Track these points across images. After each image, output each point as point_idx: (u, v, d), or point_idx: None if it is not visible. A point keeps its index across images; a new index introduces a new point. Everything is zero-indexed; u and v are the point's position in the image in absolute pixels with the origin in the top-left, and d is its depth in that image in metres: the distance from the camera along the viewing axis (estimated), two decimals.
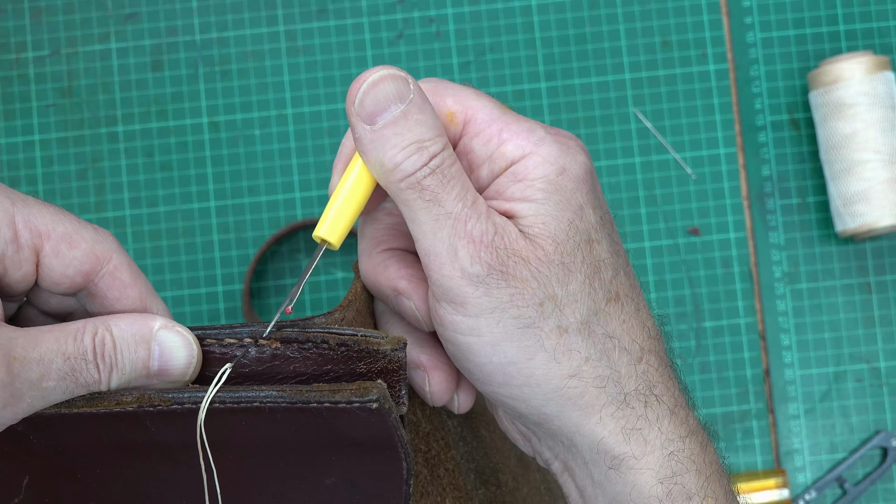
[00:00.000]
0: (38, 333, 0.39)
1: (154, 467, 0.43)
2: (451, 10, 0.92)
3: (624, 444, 0.43)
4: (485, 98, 0.43)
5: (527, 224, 0.42)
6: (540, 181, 0.42)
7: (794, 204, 0.91)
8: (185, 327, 0.42)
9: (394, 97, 0.40)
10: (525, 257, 0.41)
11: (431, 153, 0.41)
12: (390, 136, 0.40)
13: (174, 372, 0.41)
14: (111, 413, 0.40)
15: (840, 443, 0.90)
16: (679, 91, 0.91)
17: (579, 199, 0.42)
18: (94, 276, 0.42)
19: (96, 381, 0.40)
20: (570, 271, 0.42)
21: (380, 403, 0.40)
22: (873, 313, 0.90)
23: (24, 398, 0.38)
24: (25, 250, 0.41)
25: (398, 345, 0.42)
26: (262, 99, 0.92)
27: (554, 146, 0.42)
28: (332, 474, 0.43)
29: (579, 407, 0.42)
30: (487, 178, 0.43)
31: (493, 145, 0.43)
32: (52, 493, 0.44)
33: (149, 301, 0.43)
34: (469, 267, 0.41)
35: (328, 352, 0.42)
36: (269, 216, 0.91)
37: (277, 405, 0.40)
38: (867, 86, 0.85)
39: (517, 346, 0.41)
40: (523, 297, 0.41)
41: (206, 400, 0.40)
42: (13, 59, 0.93)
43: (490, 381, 0.43)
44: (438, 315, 0.42)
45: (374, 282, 0.45)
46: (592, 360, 0.42)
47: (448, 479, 0.50)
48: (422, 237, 0.41)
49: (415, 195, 0.41)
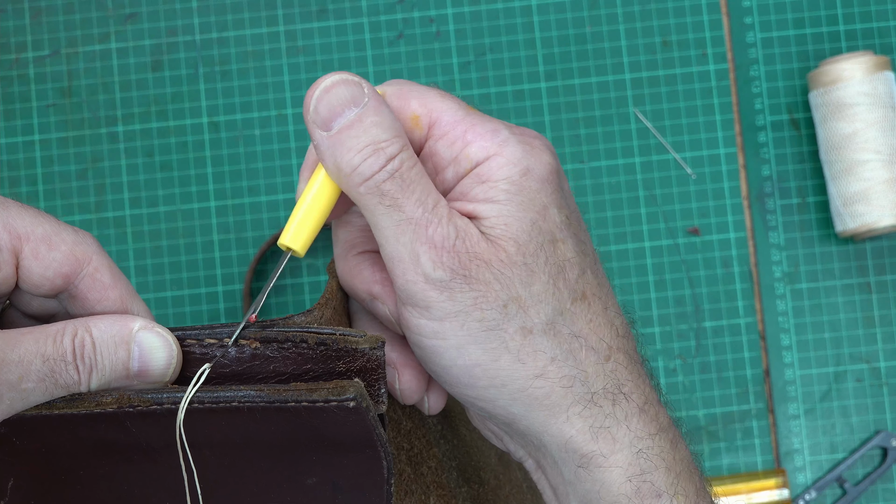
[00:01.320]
0: (17, 335, 0.39)
1: (137, 467, 0.43)
2: (451, 10, 0.92)
3: (592, 443, 0.43)
4: (450, 100, 0.43)
5: (489, 225, 0.42)
6: (503, 182, 0.42)
7: (794, 204, 0.91)
8: (166, 328, 0.42)
9: (348, 101, 0.41)
10: (487, 260, 0.41)
11: (388, 155, 0.41)
12: (346, 139, 0.41)
13: (154, 373, 0.41)
14: (91, 414, 0.41)
15: (840, 443, 0.90)
16: (679, 91, 0.91)
17: (543, 199, 0.42)
18: (75, 277, 0.42)
19: (76, 383, 0.40)
20: (532, 272, 0.42)
21: (357, 402, 0.40)
22: (873, 313, 0.90)
23: (2, 399, 0.38)
24: (4, 252, 0.41)
25: (376, 343, 0.42)
26: (262, 99, 0.92)
27: (518, 147, 0.42)
28: (313, 474, 0.43)
29: (546, 407, 0.42)
30: (452, 181, 0.43)
31: (457, 147, 0.43)
32: (37, 494, 0.44)
33: (129, 302, 0.43)
34: (432, 272, 0.41)
35: (307, 351, 0.42)
36: (269, 216, 0.91)
37: (256, 405, 0.40)
38: (867, 86, 0.85)
39: (482, 348, 0.42)
40: (486, 299, 0.41)
41: (184, 400, 0.40)
42: (13, 59, 0.93)
43: (457, 383, 0.43)
44: (404, 318, 0.43)
45: (349, 285, 0.46)
46: (558, 361, 0.42)
47: (431, 477, 0.50)
48: (385, 242, 0.41)
49: (375, 200, 0.41)
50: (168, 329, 0.42)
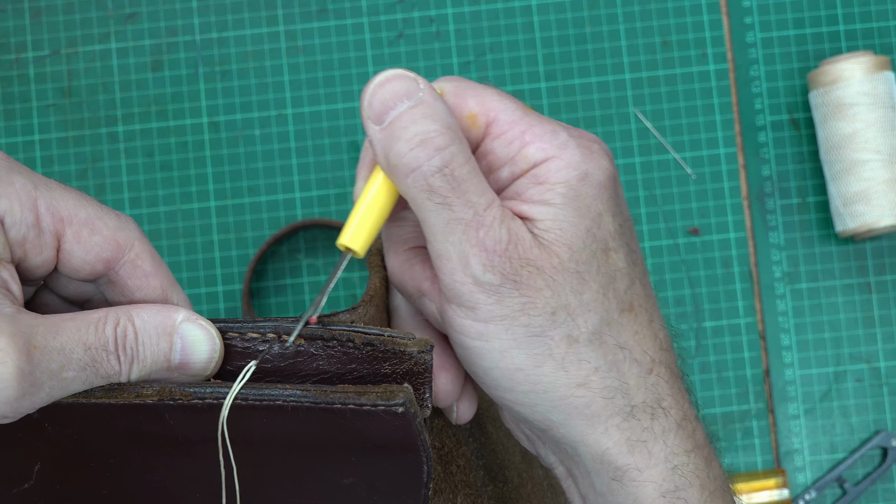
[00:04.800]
0: (58, 321, 0.38)
1: (170, 459, 0.42)
2: (451, 10, 0.92)
3: (628, 456, 0.42)
4: (508, 99, 0.43)
5: (543, 228, 0.41)
6: (560, 185, 0.41)
7: (794, 204, 0.91)
8: (209, 321, 0.41)
9: (401, 95, 0.40)
10: (539, 266, 0.40)
11: (436, 145, 0.40)
12: (396, 130, 0.40)
13: (195, 366, 0.41)
14: (130, 405, 0.40)
15: (840, 443, 0.90)
16: (679, 91, 0.91)
17: (599, 207, 0.42)
18: (116, 263, 0.41)
19: (116, 373, 0.39)
20: (584, 280, 0.41)
21: (406, 408, 0.39)
22: (873, 313, 0.90)
23: (43, 388, 0.37)
24: (47, 235, 0.40)
25: (425, 347, 0.41)
26: (262, 99, 0.92)
27: (577, 151, 0.41)
28: (350, 474, 0.42)
29: (585, 417, 0.42)
30: (507, 180, 0.42)
31: (515, 147, 0.42)
32: (63, 480, 0.43)
33: (170, 291, 0.42)
34: (481, 275, 0.40)
35: (353, 351, 0.41)
36: (269, 216, 0.91)
37: (301, 404, 0.39)
38: (867, 86, 0.85)
39: (526, 353, 0.41)
40: (535, 305, 0.40)
41: (229, 397, 0.39)
42: (13, 59, 0.93)
43: (497, 386, 0.42)
44: (448, 317, 0.42)
45: (399, 280, 0.45)
46: (602, 371, 0.42)
47: (460, 476, 0.50)
48: (433, 240, 0.41)
49: (424, 196, 0.40)
50: (211, 321, 0.41)
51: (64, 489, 0.44)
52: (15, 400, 0.37)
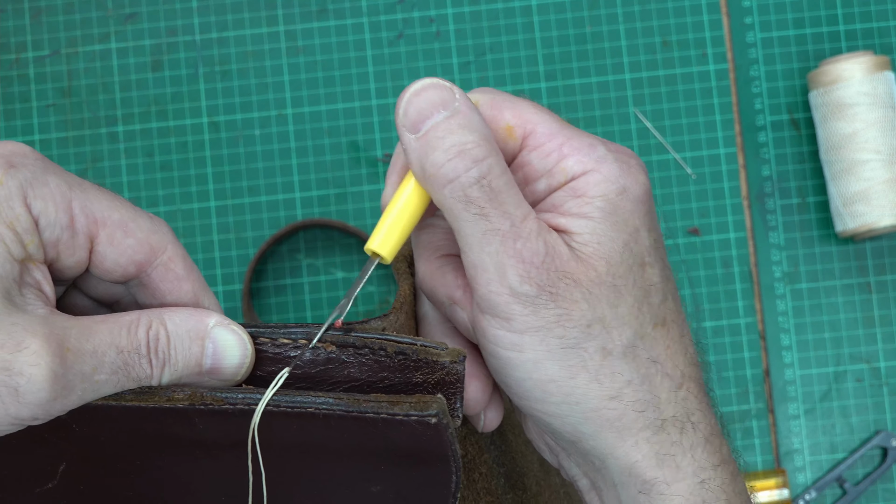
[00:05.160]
0: (91, 324, 0.38)
1: (197, 464, 0.42)
2: (451, 10, 0.92)
3: (656, 469, 0.42)
4: (544, 111, 0.43)
5: (581, 241, 0.41)
6: (599, 199, 0.41)
7: (794, 204, 0.91)
8: (240, 326, 0.41)
9: (437, 105, 0.40)
10: (577, 279, 0.40)
11: (474, 157, 0.40)
12: (432, 140, 0.40)
13: (226, 371, 0.41)
14: (160, 408, 0.40)
15: (840, 443, 0.90)
16: (679, 91, 0.91)
17: (636, 221, 0.42)
18: (148, 266, 0.41)
19: (148, 377, 0.39)
20: (620, 294, 0.41)
21: (438, 419, 0.39)
22: (873, 313, 0.90)
23: (75, 390, 0.37)
24: (80, 236, 0.40)
25: (458, 357, 0.41)
26: (262, 99, 0.92)
27: (615, 165, 0.42)
28: (379, 482, 0.42)
29: (616, 429, 0.42)
30: (544, 192, 0.42)
31: (552, 160, 0.42)
32: (87, 481, 0.43)
33: (201, 295, 0.42)
34: (518, 286, 0.40)
35: (385, 359, 0.41)
36: (269, 216, 0.91)
37: (333, 412, 0.39)
38: (867, 86, 0.85)
39: (559, 364, 0.41)
40: (571, 317, 0.40)
41: (261, 404, 0.39)
42: (13, 59, 0.93)
43: (528, 397, 0.42)
44: (481, 327, 0.42)
45: (430, 287, 0.45)
46: (634, 384, 0.42)
47: (482, 483, 0.50)
48: (468, 250, 0.41)
49: (460, 206, 0.40)
50: (242, 326, 0.41)
51: (87, 490, 0.44)
52: (47, 402, 0.37)
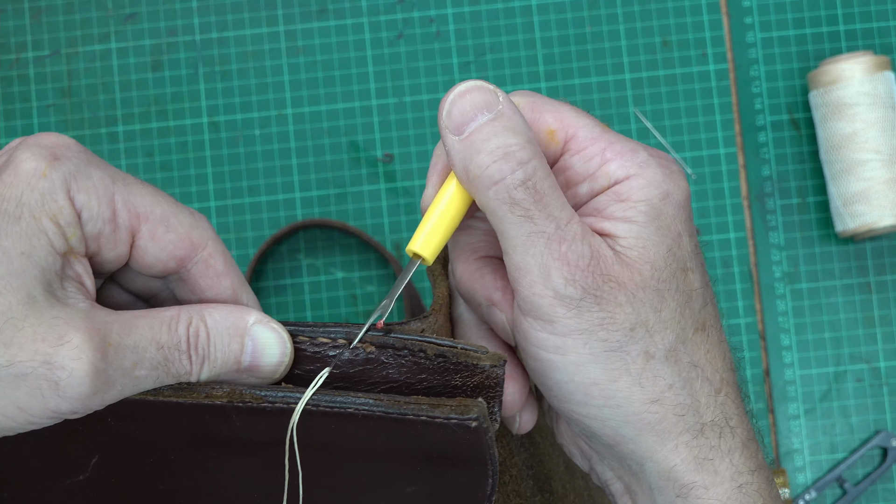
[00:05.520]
0: (132, 319, 0.38)
1: (232, 460, 0.42)
2: (451, 10, 0.92)
3: (695, 474, 0.42)
4: (585, 116, 0.43)
5: (626, 246, 0.41)
6: (642, 204, 0.41)
7: (794, 204, 0.91)
8: (280, 323, 0.41)
9: (481, 107, 0.40)
10: (621, 282, 0.40)
11: (519, 159, 0.40)
12: (476, 142, 0.40)
13: (265, 369, 0.41)
14: (198, 405, 0.40)
15: (840, 443, 0.90)
16: (679, 91, 0.91)
17: (678, 227, 0.42)
18: (188, 261, 0.41)
19: (187, 373, 0.39)
20: (663, 298, 0.41)
21: (479, 423, 0.39)
22: (873, 313, 0.90)
23: (115, 385, 0.38)
24: (122, 231, 0.40)
25: (498, 361, 0.41)
26: (262, 99, 0.92)
27: (658, 170, 0.42)
28: (414, 483, 0.42)
29: (657, 433, 0.42)
30: (586, 196, 0.42)
31: (595, 164, 0.42)
32: (119, 475, 0.43)
33: (240, 292, 0.42)
34: (563, 289, 0.40)
35: (424, 361, 0.41)
36: (269, 216, 0.91)
37: (372, 413, 0.39)
38: (867, 86, 0.85)
39: (602, 368, 0.41)
40: (615, 321, 0.41)
41: (301, 403, 0.39)
42: (13, 59, 0.93)
43: (569, 400, 0.42)
44: (523, 329, 0.42)
45: (468, 288, 0.45)
46: (675, 388, 0.42)
47: (512, 486, 0.50)
48: (512, 252, 0.41)
49: (505, 208, 0.40)
50: (282, 324, 0.41)
51: (119, 483, 0.43)
52: (87, 397, 0.37)
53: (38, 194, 0.38)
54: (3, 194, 0.38)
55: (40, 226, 0.37)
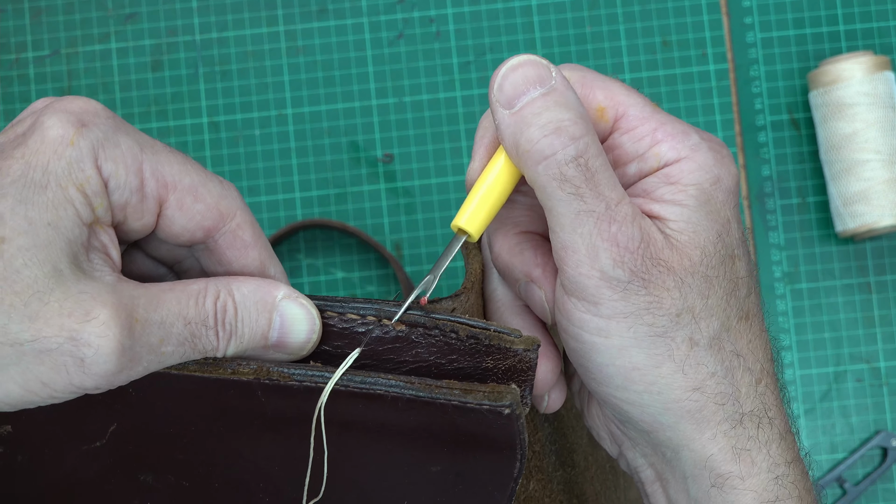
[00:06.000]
0: (159, 293, 0.37)
1: (255, 434, 0.42)
2: (451, 10, 0.92)
3: (731, 464, 0.42)
4: (636, 94, 0.42)
5: (675, 229, 0.40)
6: (693, 188, 0.40)
7: (794, 204, 0.91)
8: (308, 298, 0.40)
9: (534, 81, 0.39)
10: (671, 266, 0.40)
11: (571, 134, 0.39)
12: (528, 116, 0.39)
13: (293, 345, 0.40)
14: (222, 379, 0.39)
15: (840, 443, 0.90)
16: (679, 91, 0.91)
17: (727, 213, 0.41)
18: (216, 232, 0.40)
19: (214, 348, 0.39)
20: (711, 285, 0.41)
21: (512, 409, 0.39)
22: (873, 313, 0.90)
23: (140, 362, 0.37)
24: (149, 200, 0.39)
25: (532, 346, 0.40)
26: (262, 99, 0.92)
27: (709, 154, 0.41)
28: (440, 462, 0.42)
29: (696, 421, 0.41)
30: (635, 177, 0.42)
31: (645, 144, 0.41)
32: (137, 444, 0.42)
33: (268, 263, 0.42)
34: (611, 270, 0.39)
35: (455, 342, 0.40)
36: (269, 216, 0.91)
37: (402, 395, 0.39)
38: (867, 86, 0.85)
39: (646, 353, 0.40)
40: (661, 305, 0.40)
41: (330, 384, 0.39)
42: (13, 59, 0.93)
43: (608, 384, 0.41)
44: (566, 309, 0.41)
45: (506, 263, 0.44)
46: (717, 376, 0.41)
47: (535, 462, 0.49)
48: (559, 230, 0.40)
49: (555, 184, 0.39)
50: (310, 299, 0.40)
51: (136, 451, 0.43)
52: (112, 374, 0.36)
53: (64, 163, 0.37)
54: (30, 162, 0.36)
55: (67, 195, 0.36)
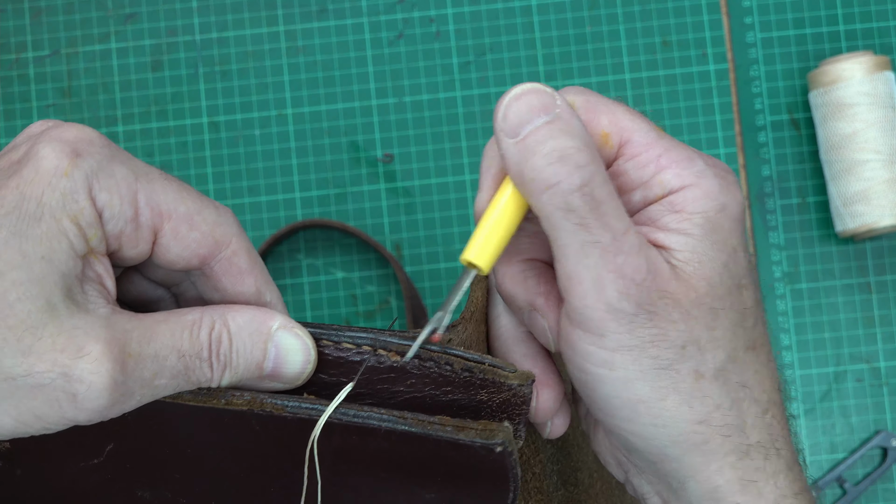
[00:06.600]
0: (153, 325, 0.37)
1: (247, 461, 0.42)
2: (451, 10, 0.92)
3: (739, 495, 0.41)
4: (640, 119, 0.41)
5: (682, 260, 0.40)
6: (699, 216, 0.40)
7: (794, 204, 0.91)
8: (303, 327, 0.40)
9: (538, 109, 0.38)
10: (677, 299, 0.39)
11: (576, 162, 0.38)
12: (532, 144, 0.38)
13: (287, 375, 0.40)
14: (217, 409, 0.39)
15: (840, 443, 0.90)
16: (679, 91, 0.91)
17: (734, 241, 0.40)
18: (211, 259, 0.40)
19: (208, 380, 0.39)
20: (717, 316, 0.40)
21: (504, 447, 0.39)
22: (873, 313, 0.90)
23: (133, 396, 0.37)
24: (144, 229, 0.39)
25: (526, 381, 0.40)
26: (262, 99, 0.92)
27: (715, 181, 0.40)
28: (433, 490, 0.42)
29: (702, 453, 0.41)
30: (639, 204, 0.41)
31: (649, 171, 0.40)
32: (134, 462, 0.43)
33: (264, 290, 0.41)
34: (616, 303, 0.38)
35: (450, 374, 0.40)
36: (269, 216, 0.91)
37: (395, 430, 0.39)
38: (867, 86, 0.85)
39: (650, 385, 0.40)
40: (666, 338, 0.39)
41: (322, 419, 0.39)
42: (13, 59, 0.93)
43: (614, 415, 0.41)
44: (570, 340, 0.40)
45: (509, 291, 0.43)
46: (723, 409, 0.41)
47: (534, 483, 0.49)
48: (564, 260, 0.39)
49: (559, 214, 0.38)
50: (306, 329, 0.40)
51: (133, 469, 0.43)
52: (104, 409, 0.36)
53: (59, 194, 0.37)
54: (24, 193, 0.37)
55: (61, 228, 0.36)
